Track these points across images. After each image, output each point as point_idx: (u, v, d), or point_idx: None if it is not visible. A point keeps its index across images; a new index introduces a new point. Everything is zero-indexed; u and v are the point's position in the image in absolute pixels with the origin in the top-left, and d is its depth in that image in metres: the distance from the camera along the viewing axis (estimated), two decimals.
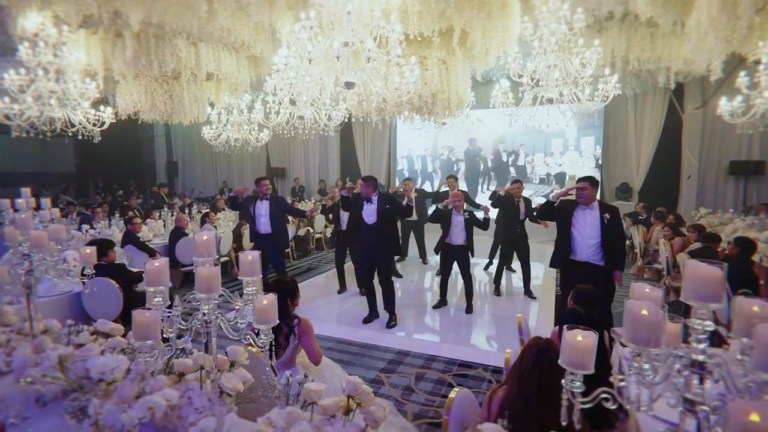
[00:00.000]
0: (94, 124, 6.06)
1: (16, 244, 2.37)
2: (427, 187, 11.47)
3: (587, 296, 2.53)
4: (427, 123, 7.02)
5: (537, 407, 1.57)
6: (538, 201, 8.89)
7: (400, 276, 6.87)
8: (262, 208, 5.48)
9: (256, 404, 1.88)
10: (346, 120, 6.26)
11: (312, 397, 1.58)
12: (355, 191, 5.70)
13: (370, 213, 4.97)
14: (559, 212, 4.13)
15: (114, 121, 6.11)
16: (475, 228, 5.26)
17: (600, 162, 10.09)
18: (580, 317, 1.93)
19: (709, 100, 9.11)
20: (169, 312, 1.70)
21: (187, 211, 8.36)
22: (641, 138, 9.77)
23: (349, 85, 4.03)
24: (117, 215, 7.03)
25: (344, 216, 6.21)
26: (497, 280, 6.06)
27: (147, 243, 5.93)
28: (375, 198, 4.94)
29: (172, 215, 7.38)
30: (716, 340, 3.17)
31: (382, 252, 4.96)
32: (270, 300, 1.56)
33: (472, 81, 5.91)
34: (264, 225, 5.47)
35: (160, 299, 1.64)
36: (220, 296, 1.59)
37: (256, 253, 1.77)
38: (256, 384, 1.82)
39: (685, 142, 9.40)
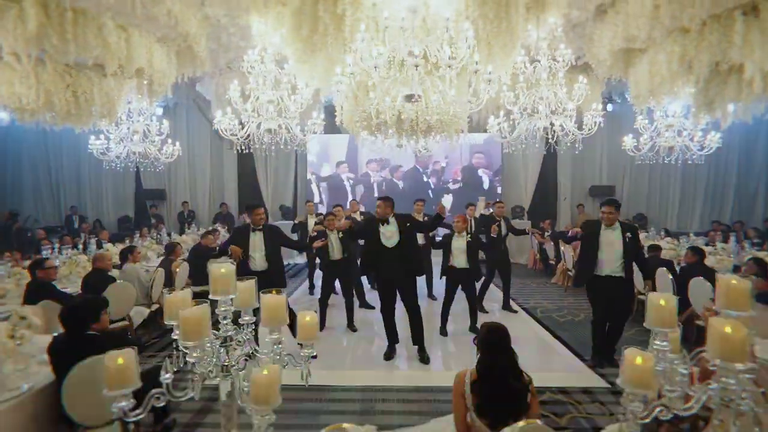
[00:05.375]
0: None
1: None
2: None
3: None
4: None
5: None
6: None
7: (372, 307, 6.37)
8: (256, 242, 4.45)
9: None
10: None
11: None
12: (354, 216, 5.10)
13: (389, 235, 4.52)
14: (585, 233, 4.50)
15: None
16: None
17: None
18: None
19: None
20: None
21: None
22: (527, 166, 11.40)
23: (410, 98, 3.66)
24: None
25: (334, 244, 5.52)
26: (480, 298, 6.16)
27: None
28: (392, 219, 4.53)
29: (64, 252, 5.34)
30: None
31: (409, 275, 4.54)
32: None
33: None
34: (260, 261, 4.45)
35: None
36: None
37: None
38: None
39: (560, 170, 11.37)
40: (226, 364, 1.33)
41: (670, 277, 5.09)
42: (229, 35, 6.14)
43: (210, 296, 1.41)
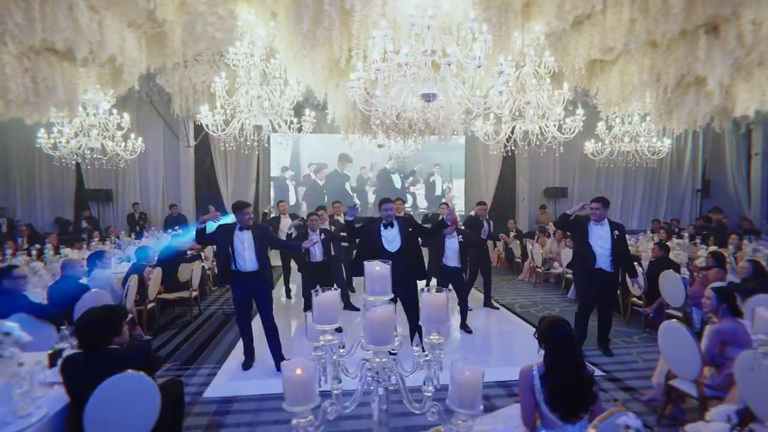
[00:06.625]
0: None
1: None
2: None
3: None
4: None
5: None
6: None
7: (357, 309, 6.27)
8: (245, 241, 4.19)
9: None
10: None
11: None
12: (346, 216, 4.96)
13: (391, 239, 4.47)
14: (576, 226, 4.75)
15: None
16: None
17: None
18: None
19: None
20: None
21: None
22: (489, 168, 11.85)
23: (428, 97, 3.65)
24: None
25: (315, 247, 5.35)
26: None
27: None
28: (396, 222, 4.48)
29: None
30: None
31: (411, 280, 4.51)
32: None
33: None
34: (250, 261, 4.20)
35: None
36: None
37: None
38: None
39: (518, 172, 11.93)
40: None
41: (641, 270, 5.52)
42: (205, 24, 5.75)
43: (366, 295, 1.31)
